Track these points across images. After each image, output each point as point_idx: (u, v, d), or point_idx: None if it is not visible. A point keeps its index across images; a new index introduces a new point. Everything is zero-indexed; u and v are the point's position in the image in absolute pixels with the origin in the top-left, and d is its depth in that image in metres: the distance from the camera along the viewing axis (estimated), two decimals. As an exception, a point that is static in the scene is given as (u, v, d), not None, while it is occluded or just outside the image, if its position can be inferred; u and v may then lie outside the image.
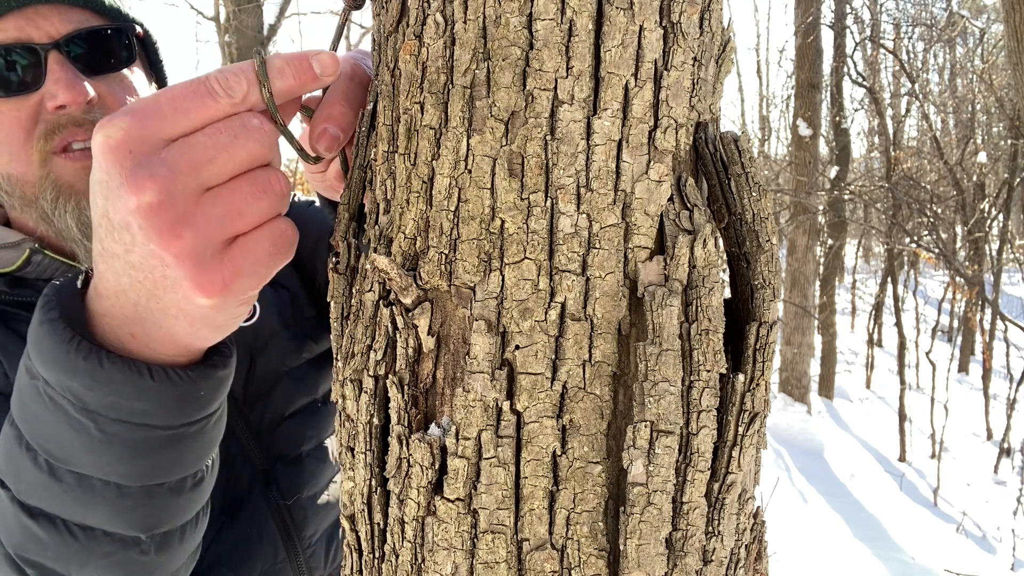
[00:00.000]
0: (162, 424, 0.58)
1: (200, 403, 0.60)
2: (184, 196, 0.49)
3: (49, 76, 0.86)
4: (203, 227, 0.49)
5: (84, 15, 0.90)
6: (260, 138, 0.51)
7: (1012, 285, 18.12)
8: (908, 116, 12.32)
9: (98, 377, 0.55)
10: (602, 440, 0.50)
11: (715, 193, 0.54)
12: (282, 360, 1.04)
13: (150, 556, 0.65)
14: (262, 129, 0.51)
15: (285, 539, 1.02)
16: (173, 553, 0.67)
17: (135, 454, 0.59)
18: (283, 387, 1.04)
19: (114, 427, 0.57)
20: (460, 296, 0.51)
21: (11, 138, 0.87)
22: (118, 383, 0.55)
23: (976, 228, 9.13)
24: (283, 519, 1.02)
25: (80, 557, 0.63)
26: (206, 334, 0.56)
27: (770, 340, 0.52)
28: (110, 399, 0.56)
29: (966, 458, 8.04)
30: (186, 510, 0.66)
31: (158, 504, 0.63)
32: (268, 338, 1.04)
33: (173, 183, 0.48)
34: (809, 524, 5.77)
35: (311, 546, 1.05)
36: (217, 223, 0.50)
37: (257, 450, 1.01)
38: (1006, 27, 3.11)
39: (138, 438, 0.58)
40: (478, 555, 0.50)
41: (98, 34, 0.90)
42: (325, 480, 1.09)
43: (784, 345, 8.65)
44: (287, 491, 1.03)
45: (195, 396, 0.59)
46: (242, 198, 0.50)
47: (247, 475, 1.00)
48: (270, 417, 1.03)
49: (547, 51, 0.49)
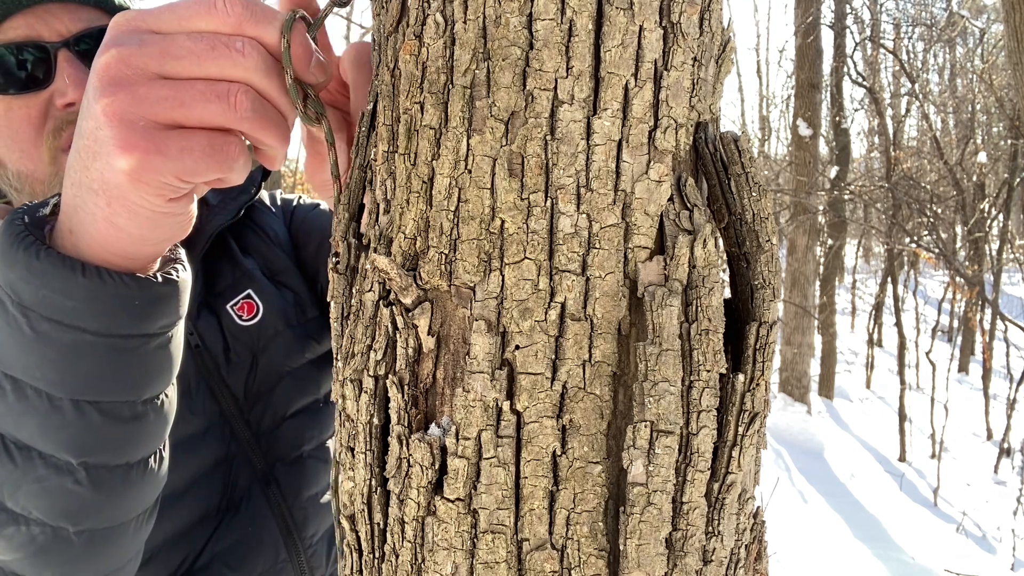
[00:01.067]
0: (92, 329, 0.58)
1: (135, 315, 0.59)
2: (139, 70, 0.51)
3: (59, 74, 0.87)
4: (141, 97, 0.51)
5: (94, 14, 0.91)
6: (237, 59, 0.52)
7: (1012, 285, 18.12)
8: (908, 116, 12.32)
9: (33, 269, 0.56)
10: (602, 440, 0.50)
11: (715, 193, 0.54)
12: (284, 360, 1.05)
13: (84, 490, 0.64)
14: (242, 52, 0.52)
15: (286, 538, 1.02)
16: (111, 497, 0.66)
17: (64, 358, 0.59)
18: (284, 387, 1.04)
19: (44, 325, 0.58)
20: (460, 296, 0.51)
21: (22, 135, 0.88)
22: (50, 277, 0.56)
23: (976, 228, 9.13)
24: (284, 519, 1.02)
25: (13, 478, 0.62)
26: (124, 221, 0.55)
27: (770, 340, 0.52)
28: (42, 293, 0.57)
29: (966, 458, 8.05)
30: (124, 445, 0.65)
31: (91, 427, 0.62)
32: (271, 337, 1.04)
33: (135, 56, 0.51)
34: (809, 524, 5.77)
35: (312, 546, 1.05)
36: (155, 100, 0.51)
37: (257, 450, 1.01)
38: (1006, 27, 3.11)
39: (67, 340, 0.58)
40: (478, 555, 0.50)
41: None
42: (326, 480, 1.09)
43: (784, 345, 8.66)
44: (288, 491, 1.03)
45: (129, 305, 0.59)
46: (192, 93, 0.51)
47: (247, 474, 1.00)
48: (271, 417, 1.03)
49: (547, 51, 0.49)
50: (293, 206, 1.21)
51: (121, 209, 0.54)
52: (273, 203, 1.19)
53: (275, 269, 1.10)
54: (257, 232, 1.12)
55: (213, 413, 0.98)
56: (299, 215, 1.19)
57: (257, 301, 1.04)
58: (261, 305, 1.04)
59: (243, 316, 1.03)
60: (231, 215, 1.06)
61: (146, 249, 0.59)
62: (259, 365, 1.02)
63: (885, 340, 13.44)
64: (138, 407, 0.64)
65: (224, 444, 0.99)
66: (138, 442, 0.66)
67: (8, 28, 0.87)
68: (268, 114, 0.54)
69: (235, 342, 1.01)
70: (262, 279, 1.07)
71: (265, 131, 0.55)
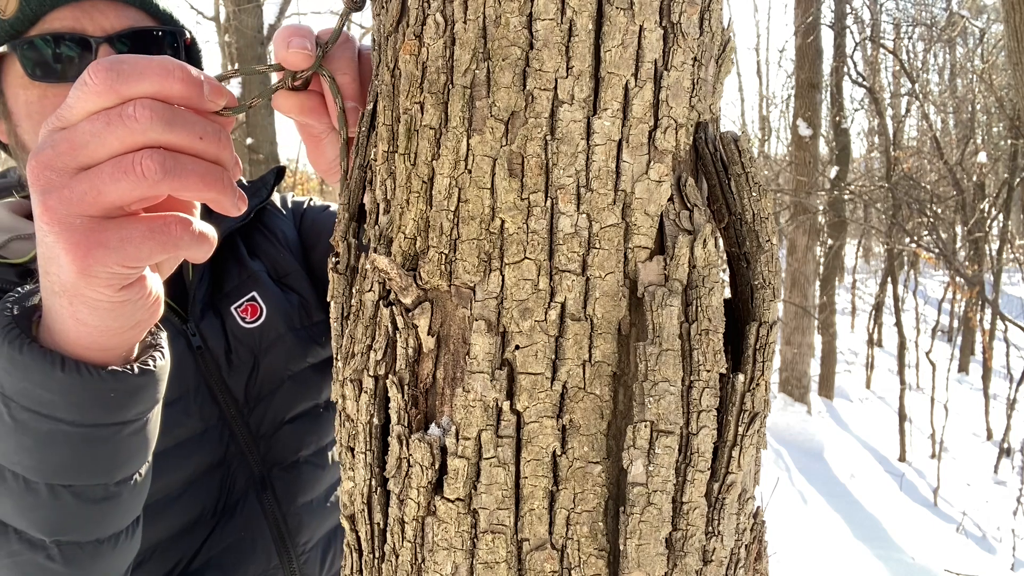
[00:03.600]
0: (68, 419, 0.60)
1: (110, 406, 0.61)
2: (59, 171, 0.53)
3: None
4: (67, 199, 0.52)
5: (139, 15, 0.95)
6: (131, 124, 0.52)
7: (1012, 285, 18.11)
8: (908, 116, 12.32)
9: (15, 362, 0.58)
10: (602, 440, 0.50)
11: (715, 193, 0.54)
12: (286, 364, 1.04)
13: (56, 565, 0.66)
14: (133, 116, 0.52)
15: (279, 544, 1.01)
16: (82, 569, 0.68)
17: (41, 446, 0.61)
18: (285, 391, 1.04)
19: (23, 415, 0.60)
20: (460, 296, 0.51)
21: None
22: (30, 370, 0.58)
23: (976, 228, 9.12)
24: (277, 524, 1.01)
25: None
26: (86, 316, 0.57)
27: (770, 340, 0.52)
28: (22, 385, 0.59)
29: (966, 458, 8.04)
30: (96, 524, 0.67)
31: (64, 508, 0.64)
32: (273, 340, 1.04)
33: (51, 159, 0.53)
34: (809, 524, 5.77)
35: (305, 552, 1.04)
36: (79, 197, 0.52)
37: (255, 453, 1.01)
38: (1006, 27, 3.11)
39: (44, 429, 0.60)
40: (478, 555, 0.50)
41: (149, 34, 0.95)
42: (323, 487, 1.08)
43: (784, 345, 8.65)
44: (283, 496, 1.02)
45: (104, 397, 0.60)
46: (102, 177, 0.52)
47: (243, 478, 1.00)
48: (270, 420, 1.03)
49: (547, 51, 0.49)
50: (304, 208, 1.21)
51: (81, 306, 0.56)
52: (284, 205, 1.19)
53: (282, 272, 1.10)
54: (266, 234, 1.12)
55: (212, 416, 0.98)
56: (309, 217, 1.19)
57: (261, 304, 1.05)
58: (265, 308, 1.04)
59: (247, 318, 1.03)
60: (241, 218, 1.07)
61: (117, 339, 0.60)
62: (261, 368, 1.02)
63: (885, 340, 13.43)
64: (111, 488, 0.66)
65: (222, 447, 0.98)
66: (111, 520, 0.69)
67: (54, 18, 0.89)
68: (187, 166, 0.53)
69: (237, 344, 1.01)
70: (268, 282, 1.07)
71: (190, 184, 0.53)
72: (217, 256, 1.06)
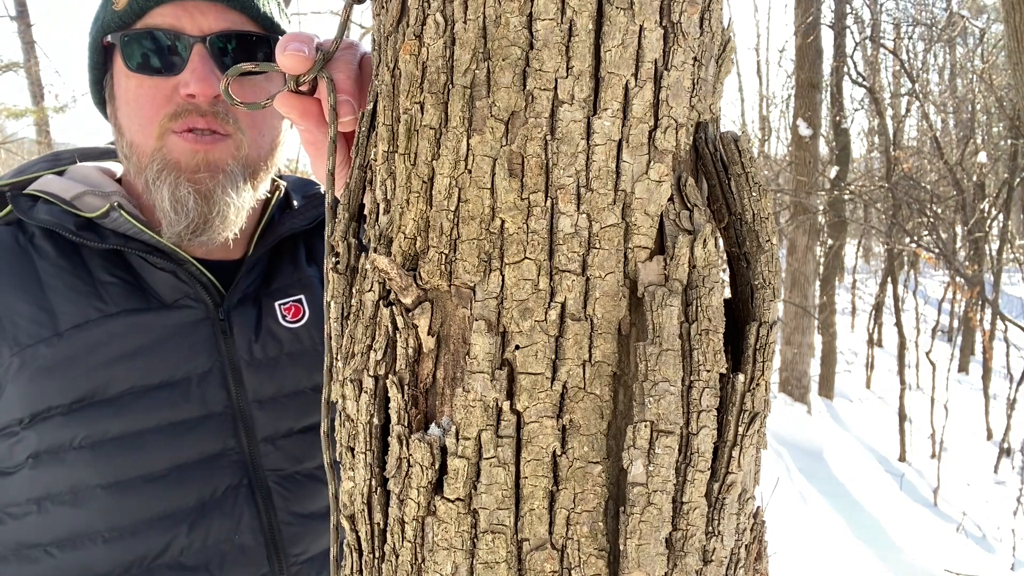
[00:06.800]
0: None
1: None
2: None
3: (188, 66, 0.94)
4: None
5: (240, 18, 0.98)
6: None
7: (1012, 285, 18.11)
8: (908, 116, 12.31)
9: None
10: (602, 440, 0.50)
11: (715, 193, 0.54)
12: (310, 374, 1.04)
13: None
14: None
15: (270, 552, 1.00)
16: None
17: None
18: (303, 401, 1.04)
19: None
20: (460, 296, 0.51)
21: (144, 112, 0.97)
22: None
23: (976, 228, 9.12)
24: (271, 532, 1.00)
25: None
26: None
27: (770, 340, 0.52)
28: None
29: (966, 458, 8.04)
30: None
31: None
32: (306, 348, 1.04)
33: None
34: (809, 524, 5.77)
35: (298, 564, 1.03)
36: None
37: (257, 454, 1.00)
38: (1006, 27, 3.11)
39: None
40: (478, 555, 0.50)
41: (245, 37, 0.98)
42: (324, 502, 1.07)
43: (784, 345, 8.65)
44: (279, 504, 1.01)
45: None
46: None
47: (239, 477, 0.98)
48: (280, 426, 1.02)
49: (547, 51, 0.49)
50: None
51: None
52: None
53: None
54: None
55: (217, 404, 0.98)
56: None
57: (306, 308, 1.06)
58: (308, 313, 1.06)
59: (288, 317, 1.05)
60: (307, 222, 1.10)
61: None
62: (284, 369, 1.02)
63: (885, 340, 13.43)
64: None
65: (221, 440, 0.98)
66: None
67: (157, 14, 0.95)
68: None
69: (268, 338, 1.02)
70: (318, 290, 1.08)
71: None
72: (277, 253, 1.09)
